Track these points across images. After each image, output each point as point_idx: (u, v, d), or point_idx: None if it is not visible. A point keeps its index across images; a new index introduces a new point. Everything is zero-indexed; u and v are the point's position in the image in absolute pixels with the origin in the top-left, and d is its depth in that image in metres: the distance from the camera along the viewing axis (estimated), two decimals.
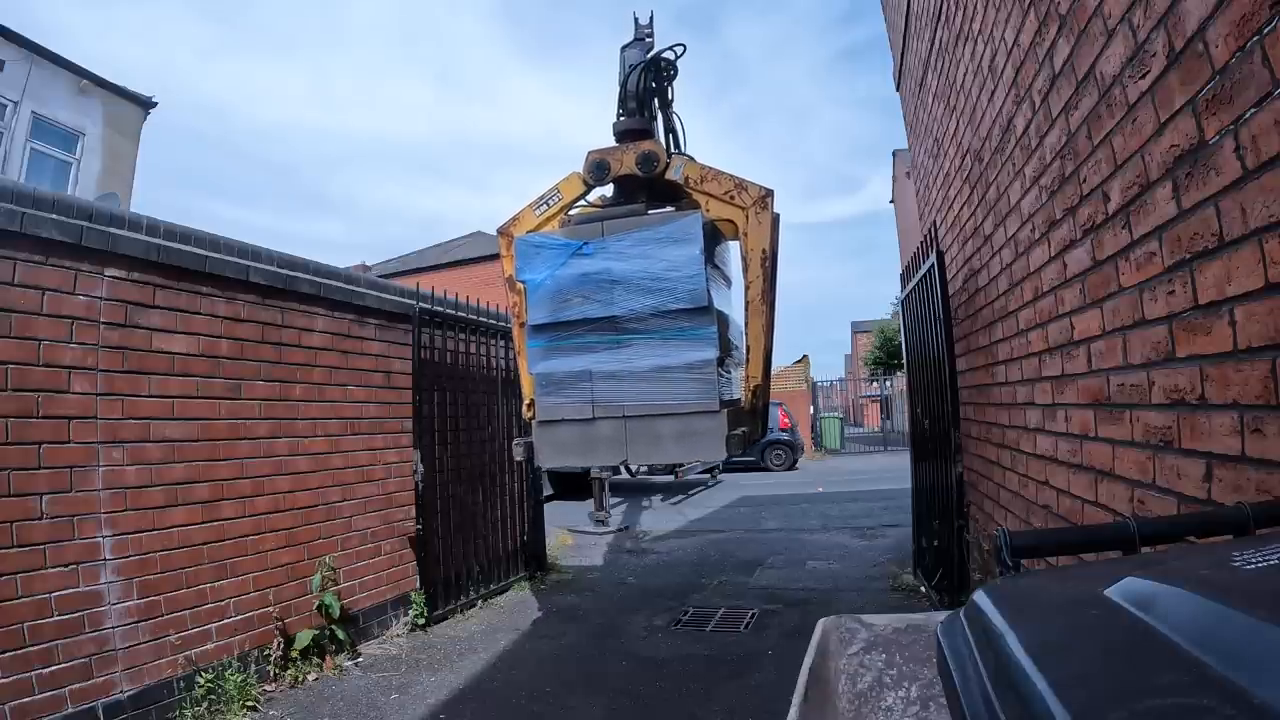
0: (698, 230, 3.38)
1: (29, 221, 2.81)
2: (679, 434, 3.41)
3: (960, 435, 3.98)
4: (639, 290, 3.41)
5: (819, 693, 1.05)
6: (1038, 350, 2.80)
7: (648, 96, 4.09)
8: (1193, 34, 1.45)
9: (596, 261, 3.48)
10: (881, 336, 26.89)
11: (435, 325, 5.05)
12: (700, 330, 3.39)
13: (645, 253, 3.43)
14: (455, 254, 22.81)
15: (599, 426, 3.50)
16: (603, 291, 3.45)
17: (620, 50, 4.13)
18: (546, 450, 3.65)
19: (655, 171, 3.65)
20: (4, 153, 10.24)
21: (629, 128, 3.89)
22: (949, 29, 3.96)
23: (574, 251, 3.54)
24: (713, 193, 3.65)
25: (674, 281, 3.37)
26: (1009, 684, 0.50)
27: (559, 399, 3.56)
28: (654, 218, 3.58)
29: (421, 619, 4.68)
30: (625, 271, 3.43)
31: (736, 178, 3.63)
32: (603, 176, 3.76)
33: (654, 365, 3.41)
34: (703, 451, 3.47)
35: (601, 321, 3.47)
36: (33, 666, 2.72)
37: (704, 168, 3.70)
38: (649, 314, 3.42)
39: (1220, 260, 1.43)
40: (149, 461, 3.25)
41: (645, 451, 3.50)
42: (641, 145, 3.71)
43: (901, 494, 6.33)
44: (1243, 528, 0.84)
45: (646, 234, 3.45)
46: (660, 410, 3.41)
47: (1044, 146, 2.53)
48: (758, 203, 3.58)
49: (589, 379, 3.50)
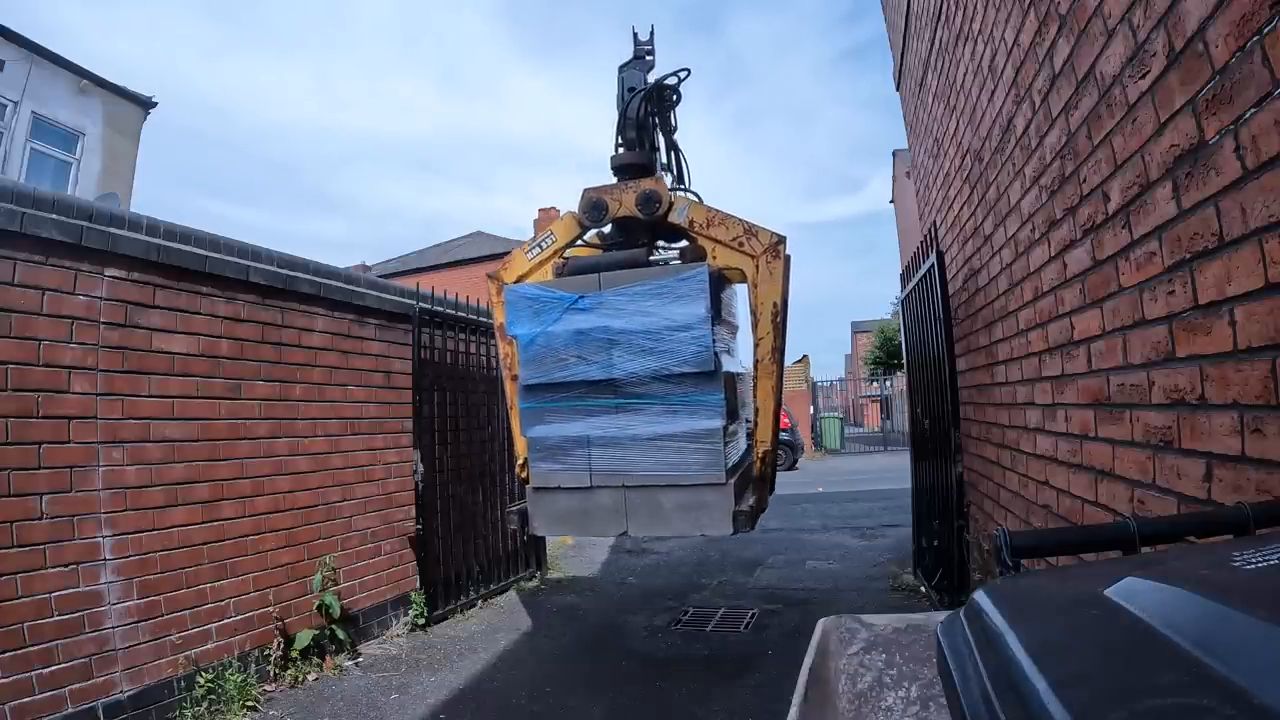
0: (704, 286, 3.14)
1: (29, 221, 2.81)
2: (683, 506, 3.22)
3: (960, 435, 3.97)
4: (640, 351, 3.19)
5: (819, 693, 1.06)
6: (1038, 350, 2.80)
7: (649, 124, 3.82)
8: (1193, 34, 1.45)
9: (593, 317, 3.25)
10: (881, 336, 26.88)
11: (435, 325, 5.05)
12: (706, 397, 3.18)
13: (646, 309, 3.19)
14: (455, 254, 22.82)
15: (597, 496, 3.32)
16: (600, 352, 3.24)
17: (618, 70, 3.85)
18: (542, 519, 3.48)
19: (657, 214, 3.42)
20: (4, 153, 10.24)
21: (628, 162, 3.63)
22: (949, 29, 3.96)
23: (569, 306, 3.30)
24: (720, 238, 3.42)
25: (678, 343, 3.15)
26: (1009, 684, 0.50)
27: (554, 465, 3.37)
28: (656, 270, 3.36)
29: (421, 619, 4.68)
30: (625, 329, 3.20)
31: (745, 222, 3.41)
32: (600, 218, 3.53)
33: (656, 433, 3.21)
34: (708, 526, 3.25)
35: (600, 383, 3.27)
36: (33, 666, 2.72)
37: (710, 210, 3.47)
38: (651, 377, 3.20)
39: (1220, 260, 1.43)
40: (149, 461, 3.25)
41: (647, 524, 3.31)
42: (643, 184, 3.48)
43: (901, 494, 6.33)
44: (1243, 528, 0.84)
45: (648, 288, 3.21)
46: (662, 481, 3.22)
47: (1044, 146, 2.53)
48: (769, 250, 3.34)
49: (586, 445, 3.30)
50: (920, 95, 5.28)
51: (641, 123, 3.75)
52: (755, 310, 3.42)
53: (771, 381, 3.43)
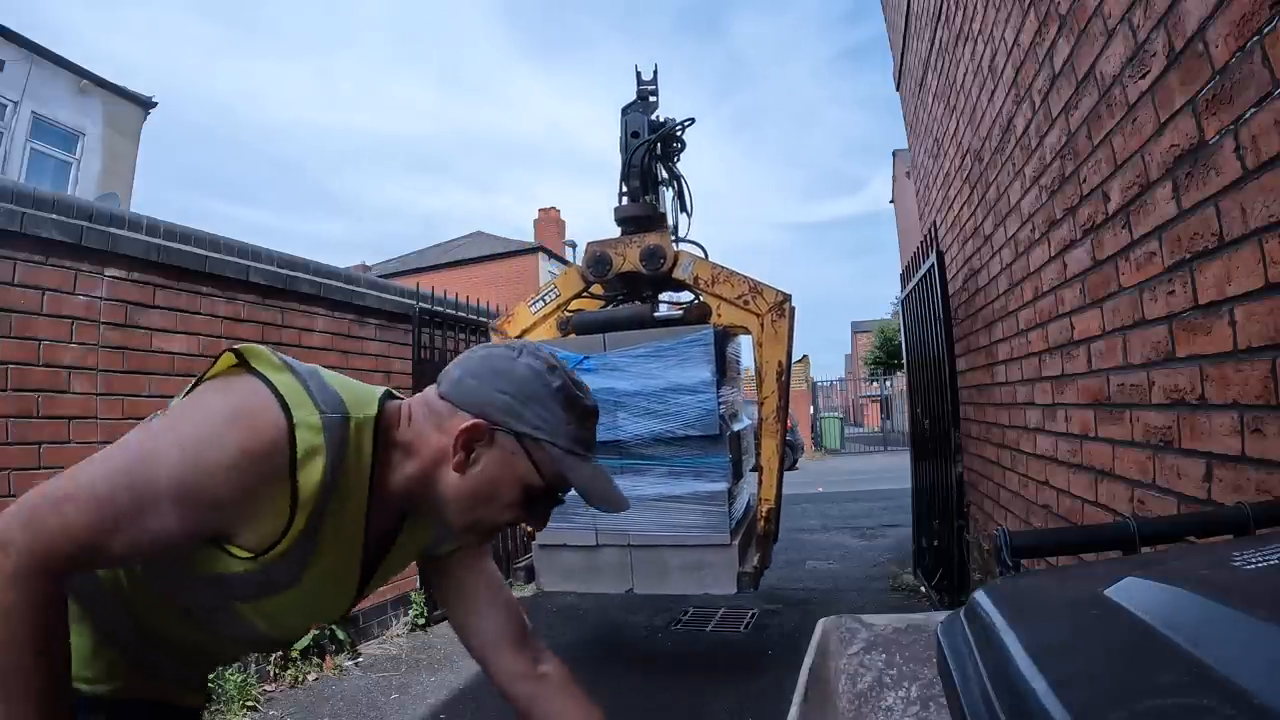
0: (709, 349, 3.15)
1: (29, 221, 2.81)
2: (688, 566, 3.25)
3: (960, 435, 3.97)
4: (645, 414, 3.21)
5: (819, 693, 1.06)
6: (1038, 350, 2.79)
7: (653, 170, 3.81)
8: (1193, 34, 1.45)
9: (598, 379, 3.27)
10: (881, 336, 26.87)
11: (435, 325, 5.05)
12: (712, 459, 3.19)
13: (651, 371, 3.21)
14: (455, 254, 22.83)
15: (603, 553, 3.36)
16: (606, 413, 3.25)
17: (621, 113, 3.82)
18: (549, 575, 3.53)
19: (661, 270, 3.45)
20: (4, 153, 10.24)
21: (632, 215, 3.63)
22: (949, 29, 3.96)
23: (573, 367, 3.31)
24: (725, 295, 3.43)
25: (683, 406, 3.15)
26: (1009, 684, 0.50)
27: (561, 524, 3.37)
28: (661, 332, 3.37)
29: (421, 619, 4.68)
30: (630, 391, 3.22)
31: (751, 280, 3.41)
32: (604, 272, 3.54)
33: (662, 494, 3.23)
34: (712, 585, 3.29)
35: (606, 443, 3.26)
36: None
37: (715, 267, 3.48)
38: (656, 439, 3.22)
39: (1220, 260, 1.43)
40: None
41: (652, 582, 3.35)
42: (647, 239, 3.49)
43: (901, 494, 6.33)
44: (1243, 528, 0.84)
45: (652, 349, 3.23)
46: (668, 541, 3.24)
47: (1044, 146, 2.53)
48: (774, 309, 3.35)
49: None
50: (920, 95, 5.28)
51: (646, 171, 3.73)
52: (759, 369, 3.43)
53: (775, 440, 3.44)
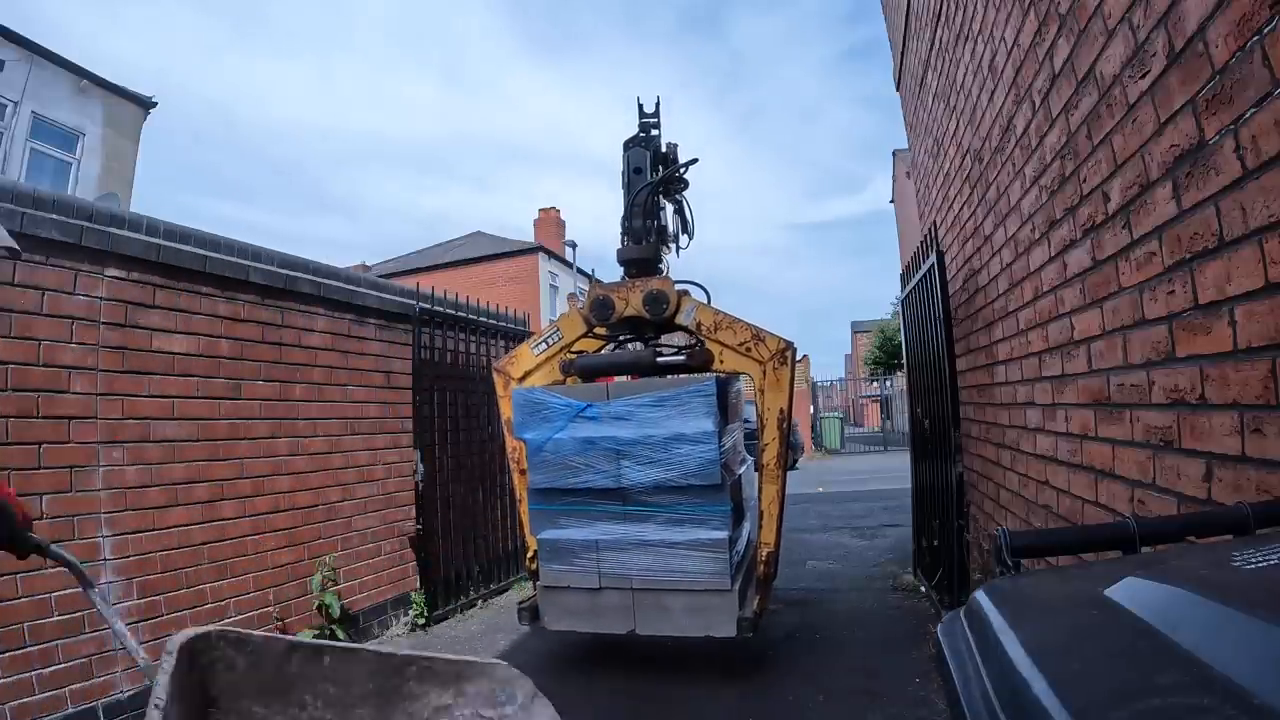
0: (710, 399, 3.17)
1: (29, 221, 2.81)
2: (689, 609, 3.28)
3: (960, 435, 3.97)
4: (647, 462, 3.25)
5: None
6: (1038, 350, 2.79)
7: (656, 208, 3.80)
8: (1193, 34, 1.45)
9: (601, 427, 3.32)
10: (881, 336, 26.87)
11: (435, 325, 5.05)
12: (713, 508, 3.22)
13: (653, 420, 3.24)
14: (455, 254, 22.83)
15: (606, 595, 3.40)
16: (609, 461, 3.30)
17: (623, 147, 3.82)
18: (552, 615, 3.57)
19: (664, 315, 3.45)
20: (4, 153, 10.24)
21: (635, 257, 3.62)
22: (949, 29, 3.96)
23: (576, 414, 3.36)
24: (727, 342, 3.45)
25: (685, 456, 3.18)
26: (1009, 684, 0.50)
27: (564, 567, 3.45)
28: (664, 381, 3.40)
29: (421, 619, 4.68)
30: (632, 439, 3.26)
31: (754, 328, 3.42)
32: (606, 316, 3.54)
33: (664, 540, 3.27)
34: (713, 627, 3.31)
35: (609, 490, 3.32)
36: (33, 666, 2.72)
37: (718, 314, 3.49)
38: (658, 488, 3.25)
39: (1220, 260, 1.43)
40: (149, 461, 3.25)
41: (654, 623, 3.38)
42: (651, 283, 3.49)
43: (901, 494, 6.33)
44: (1243, 528, 0.84)
45: (655, 398, 3.26)
46: (669, 586, 3.28)
47: (1044, 146, 2.53)
48: (776, 356, 3.37)
49: (596, 549, 3.37)
50: (920, 95, 5.28)
51: (648, 211, 3.72)
52: (761, 415, 3.45)
53: (776, 486, 3.46)
